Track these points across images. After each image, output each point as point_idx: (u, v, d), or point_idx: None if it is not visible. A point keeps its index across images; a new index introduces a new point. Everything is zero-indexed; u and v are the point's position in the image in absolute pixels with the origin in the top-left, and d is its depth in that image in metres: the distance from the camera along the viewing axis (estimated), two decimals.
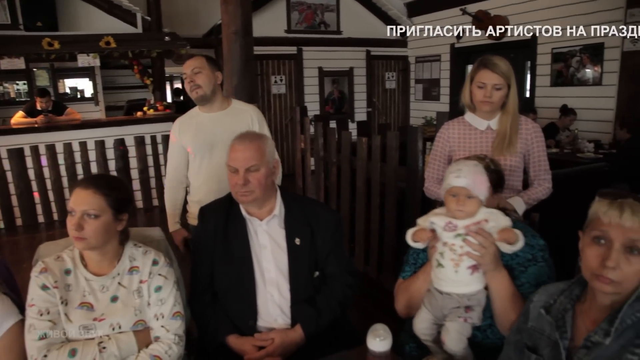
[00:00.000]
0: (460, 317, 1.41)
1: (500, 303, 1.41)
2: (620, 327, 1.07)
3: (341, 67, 8.26)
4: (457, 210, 1.39)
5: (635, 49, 5.25)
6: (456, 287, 1.41)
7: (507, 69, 1.94)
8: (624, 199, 1.06)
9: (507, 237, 1.36)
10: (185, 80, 2.35)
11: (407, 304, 1.60)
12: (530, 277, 1.44)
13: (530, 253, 1.47)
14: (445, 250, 1.41)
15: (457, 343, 1.40)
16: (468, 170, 1.41)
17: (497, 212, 1.41)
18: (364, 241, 3.74)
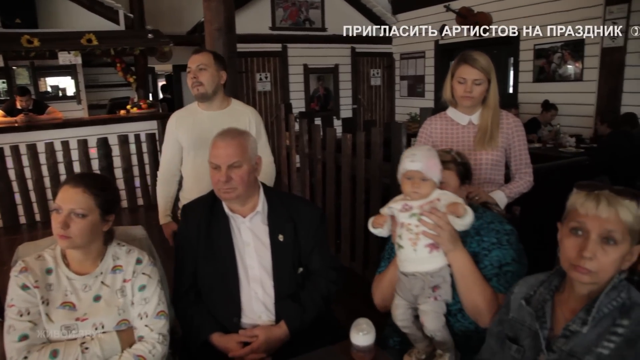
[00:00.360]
0: (430, 297, 1.45)
1: (463, 282, 1.45)
2: (598, 315, 1.10)
3: (326, 64, 8.25)
4: (413, 192, 1.45)
5: (614, 45, 5.33)
6: (417, 265, 1.45)
7: (487, 64, 1.96)
8: (600, 191, 1.09)
9: (454, 209, 1.40)
10: (188, 75, 2.31)
11: (382, 296, 1.64)
12: (492, 260, 1.49)
13: (495, 237, 1.52)
14: (403, 231, 1.46)
15: (435, 322, 1.44)
16: (422, 154, 1.46)
17: (449, 193, 1.47)
18: (350, 237, 3.75)
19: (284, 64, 7.93)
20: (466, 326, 1.53)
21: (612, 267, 1.07)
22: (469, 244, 1.52)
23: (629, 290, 1.12)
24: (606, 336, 1.08)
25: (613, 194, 1.07)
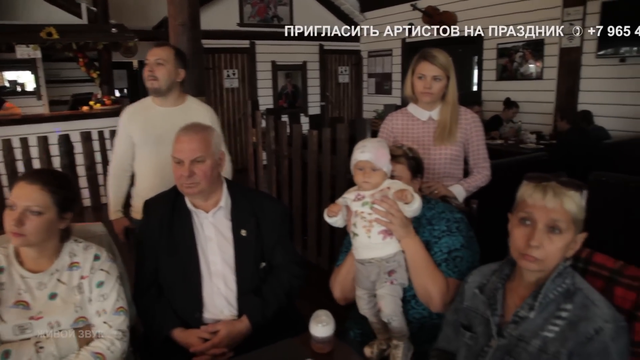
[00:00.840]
0: (386, 281, 1.50)
1: (415, 268, 1.51)
2: (544, 301, 1.15)
3: (294, 61, 8.25)
4: (364, 182, 1.50)
5: (571, 45, 5.51)
6: (372, 251, 1.51)
7: (446, 61, 2.01)
8: (547, 182, 1.13)
9: (401, 195, 1.44)
10: (145, 67, 2.26)
11: (340, 287, 1.67)
12: (442, 246, 1.55)
13: (445, 225, 1.58)
14: (357, 219, 1.52)
15: (392, 306, 1.49)
16: (371, 145, 1.52)
17: (399, 182, 1.53)
18: (316, 233, 3.77)
19: (251, 61, 7.89)
20: (420, 312, 1.59)
21: (558, 255, 1.12)
22: (421, 233, 1.57)
23: (573, 276, 1.17)
24: (551, 320, 1.13)
25: (559, 185, 1.12)
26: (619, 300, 1.22)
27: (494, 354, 1.19)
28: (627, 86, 5.15)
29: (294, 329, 1.66)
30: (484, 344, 1.23)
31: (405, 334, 1.51)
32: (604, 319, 1.08)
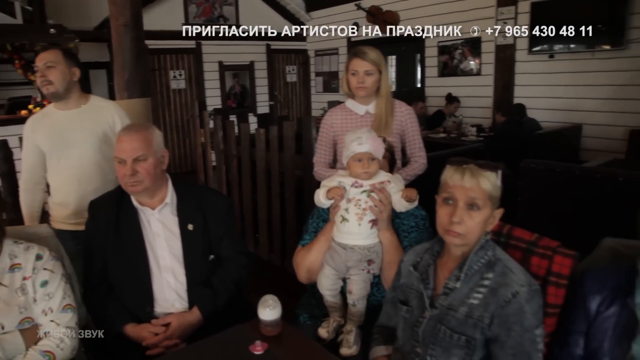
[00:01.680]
0: (364, 269, 1.60)
1: (388, 257, 1.63)
2: (470, 272, 1.26)
3: (242, 61, 8.24)
4: (363, 172, 1.59)
5: (505, 42, 5.83)
6: (359, 239, 1.61)
7: (377, 57, 2.13)
8: (467, 165, 1.25)
9: (410, 194, 1.57)
10: (37, 74, 2.18)
11: (309, 267, 1.74)
12: (412, 241, 1.67)
13: (414, 221, 1.71)
14: (350, 206, 1.60)
15: (363, 292, 1.61)
16: (367, 136, 1.59)
17: (397, 176, 1.67)
18: (267, 230, 3.83)
19: (198, 61, 7.82)
20: (378, 299, 1.69)
21: (478, 229, 1.24)
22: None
23: (494, 249, 1.30)
24: (476, 289, 1.25)
25: (476, 167, 1.24)
26: (534, 268, 1.36)
27: (427, 323, 1.30)
28: (557, 80, 5.49)
29: (244, 318, 1.71)
30: (419, 315, 1.33)
31: (361, 320, 1.63)
32: (520, 283, 1.20)
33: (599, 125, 5.22)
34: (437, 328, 1.27)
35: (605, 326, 1.24)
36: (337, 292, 1.65)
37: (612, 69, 5.03)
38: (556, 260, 1.33)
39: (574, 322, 1.29)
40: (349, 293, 1.61)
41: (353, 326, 1.59)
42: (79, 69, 2.26)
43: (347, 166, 1.63)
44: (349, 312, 1.61)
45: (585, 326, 1.27)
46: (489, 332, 1.21)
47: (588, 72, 5.23)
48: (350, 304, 1.60)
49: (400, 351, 1.40)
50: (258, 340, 1.38)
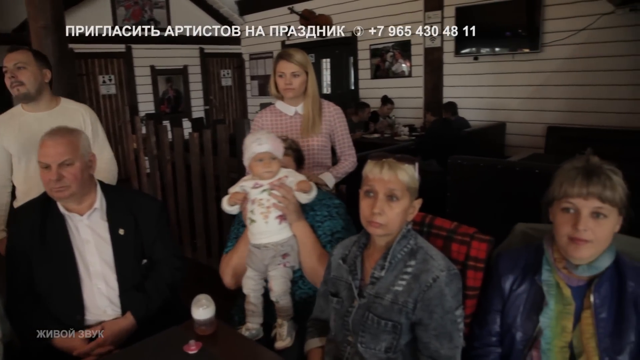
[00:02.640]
0: (280, 264, 1.63)
1: (304, 249, 1.66)
2: (394, 261, 1.33)
3: (175, 65, 8.07)
4: (265, 172, 1.61)
5: (433, 45, 6.08)
6: (269, 236, 1.63)
7: (303, 58, 2.19)
8: (385, 159, 1.31)
9: (303, 187, 1.62)
10: (6, 75, 2.12)
11: (233, 273, 1.75)
12: (325, 229, 1.72)
13: (326, 211, 1.75)
14: (254, 207, 1.62)
15: (283, 287, 1.63)
16: (266, 137, 1.63)
17: (294, 171, 1.68)
18: (205, 234, 3.78)
19: (129, 66, 7.58)
20: (306, 292, 1.73)
21: (398, 219, 1.30)
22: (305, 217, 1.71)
23: (416, 237, 1.37)
24: (400, 276, 1.31)
25: (394, 160, 1.31)
26: (454, 254, 1.44)
27: (356, 312, 1.35)
28: (482, 81, 5.80)
29: (180, 321, 1.70)
30: (349, 306, 1.38)
31: (290, 313, 1.65)
32: (440, 269, 1.28)
33: (520, 122, 5.57)
34: (366, 316, 1.33)
35: (518, 303, 1.34)
36: (260, 293, 1.67)
37: (531, 70, 5.38)
38: (473, 246, 1.42)
39: (491, 302, 1.39)
40: (271, 290, 1.64)
41: (284, 320, 1.62)
42: (50, 70, 2.22)
43: (250, 168, 1.65)
44: (276, 309, 1.63)
45: (501, 305, 1.37)
46: (413, 316, 1.28)
47: (509, 73, 5.56)
48: (275, 301, 1.63)
49: (334, 341, 1.44)
50: (192, 340, 1.38)
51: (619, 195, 1.19)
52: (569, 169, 1.24)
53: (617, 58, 4.72)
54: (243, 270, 1.71)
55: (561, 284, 1.27)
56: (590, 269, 1.24)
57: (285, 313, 1.64)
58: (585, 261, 1.23)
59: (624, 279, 1.24)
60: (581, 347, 1.23)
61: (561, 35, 5.07)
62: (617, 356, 1.20)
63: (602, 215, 1.19)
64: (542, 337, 1.28)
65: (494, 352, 1.38)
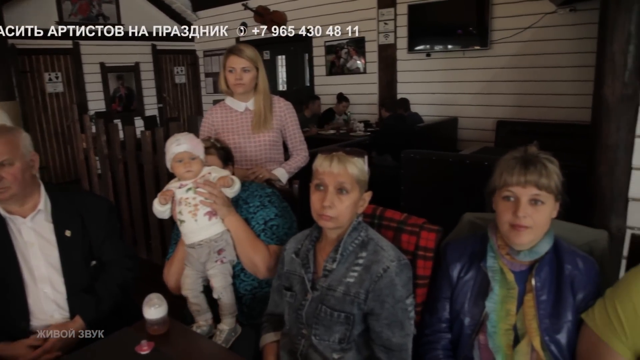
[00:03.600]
0: (217, 260, 1.62)
1: (239, 242, 1.65)
2: (345, 253, 1.35)
3: (126, 62, 7.83)
4: (186, 172, 1.59)
5: (387, 42, 6.18)
6: (200, 234, 1.61)
7: (253, 54, 2.18)
8: (335, 153, 1.33)
9: (224, 182, 1.60)
10: None
11: (176, 277, 1.73)
12: (258, 219, 1.71)
13: (258, 201, 1.75)
14: (182, 207, 1.61)
15: (223, 283, 1.62)
16: (184, 137, 1.61)
17: (217, 168, 1.67)
18: (160, 235, 3.71)
19: (77, 63, 7.29)
20: (250, 284, 1.72)
21: (348, 211, 1.33)
22: (239, 213, 1.70)
23: (367, 229, 1.40)
24: (352, 268, 1.34)
25: (344, 154, 1.33)
26: (405, 244, 1.48)
27: (309, 305, 1.37)
28: (434, 77, 5.94)
29: (133, 322, 1.67)
30: (302, 299, 1.40)
31: (233, 310, 1.64)
32: (390, 259, 1.31)
33: (471, 117, 5.75)
34: (319, 308, 1.34)
35: (465, 289, 1.39)
36: (199, 292, 1.65)
37: (480, 67, 5.55)
38: (422, 236, 1.46)
39: (440, 290, 1.44)
40: (212, 288, 1.63)
41: (225, 326, 1.61)
42: None
43: (171, 169, 1.63)
44: (219, 307, 1.62)
45: (450, 292, 1.42)
46: (365, 307, 1.30)
47: (460, 69, 5.72)
48: (217, 298, 1.62)
49: (288, 335, 1.45)
50: (144, 340, 1.35)
51: (554, 183, 1.25)
52: (509, 159, 1.30)
53: (560, 55, 4.94)
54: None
55: (505, 269, 1.33)
56: (531, 254, 1.30)
57: (229, 310, 1.63)
58: (526, 247, 1.29)
59: (562, 263, 1.31)
60: (524, 329, 1.29)
61: (508, 33, 5.25)
62: (556, 335, 1.27)
63: (540, 202, 1.25)
64: (488, 321, 1.33)
65: (444, 338, 1.43)
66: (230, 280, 1.64)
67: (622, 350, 1.16)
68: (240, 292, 1.70)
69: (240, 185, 1.64)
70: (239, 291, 1.70)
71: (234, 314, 1.63)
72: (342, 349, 1.33)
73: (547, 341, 1.27)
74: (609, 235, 1.50)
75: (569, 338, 1.27)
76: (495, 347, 1.31)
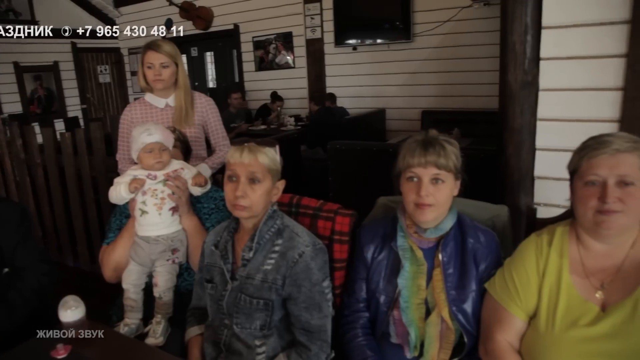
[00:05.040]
0: (168, 259, 1.63)
1: (193, 240, 1.67)
2: (262, 241, 1.38)
3: (43, 62, 7.39)
4: (156, 162, 1.60)
5: (314, 37, 6.24)
6: (161, 229, 1.62)
7: (171, 49, 2.16)
8: (247, 144, 1.36)
9: (199, 181, 1.65)
10: None
11: (115, 265, 1.70)
12: (213, 221, 1.74)
13: (213, 203, 1.77)
14: (146, 198, 1.60)
15: (168, 283, 1.63)
16: (156, 127, 1.61)
17: (186, 164, 1.70)
18: (86, 239, 3.57)
19: None
20: (191, 283, 1.71)
21: (261, 200, 1.36)
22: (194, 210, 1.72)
23: (282, 217, 1.44)
24: (269, 256, 1.37)
25: (255, 144, 1.36)
26: (321, 230, 1.54)
27: (229, 295, 1.39)
28: (362, 70, 6.08)
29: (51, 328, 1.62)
30: (222, 289, 1.42)
31: (169, 311, 1.64)
32: (305, 244, 1.36)
33: (398, 108, 5.94)
34: (238, 297, 1.37)
35: (379, 269, 1.47)
36: (141, 288, 1.65)
37: (405, 59, 5.74)
38: (337, 221, 1.52)
39: (357, 271, 1.50)
40: (155, 286, 1.62)
41: (162, 318, 1.61)
42: None
43: (139, 159, 1.63)
44: (156, 305, 1.62)
45: (366, 273, 1.49)
46: (283, 292, 1.35)
47: (386, 62, 5.88)
48: (157, 297, 1.62)
49: (211, 326, 1.47)
50: (60, 344, 1.32)
51: (452, 162, 1.34)
52: (410, 143, 1.38)
53: (477, 47, 5.21)
54: (125, 264, 1.67)
55: (414, 247, 1.41)
56: (437, 231, 1.39)
57: (166, 310, 1.63)
58: (432, 224, 1.38)
59: (465, 237, 1.41)
60: (434, 302, 1.38)
61: (429, 26, 5.47)
62: (463, 305, 1.37)
63: (440, 181, 1.34)
64: (400, 297, 1.41)
65: (362, 317, 1.50)
66: (175, 281, 1.65)
67: (517, 313, 1.27)
68: (181, 290, 1.71)
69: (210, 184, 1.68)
70: (179, 289, 1.70)
71: (169, 314, 1.63)
72: (264, 335, 1.36)
73: (454, 311, 1.36)
74: (509, 210, 1.63)
75: (474, 307, 1.38)
76: (408, 321, 1.39)
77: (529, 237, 1.34)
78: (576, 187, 1.22)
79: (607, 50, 1.84)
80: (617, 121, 1.87)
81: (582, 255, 1.24)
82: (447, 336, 1.37)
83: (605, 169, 1.14)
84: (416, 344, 1.39)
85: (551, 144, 1.99)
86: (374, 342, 1.47)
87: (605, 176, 1.14)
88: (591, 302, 1.19)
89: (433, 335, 1.37)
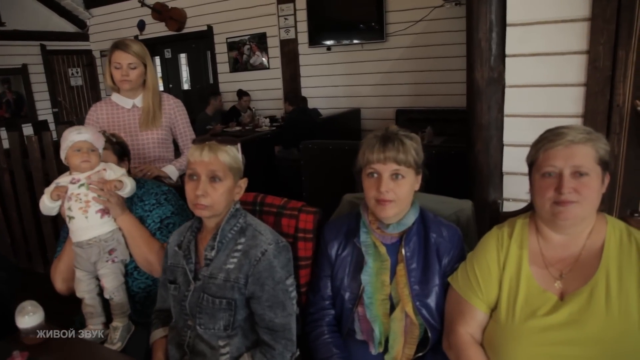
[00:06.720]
0: (107, 260, 1.58)
1: (132, 241, 1.63)
2: (224, 240, 1.37)
3: (11, 65, 7.19)
4: (83, 162, 1.55)
5: (288, 37, 6.23)
6: (91, 231, 1.57)
7: (140, 49, 2.12)
8: (208, 142, 1.34)
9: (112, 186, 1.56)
10: None
11: (63, 276, 1.67)
12: (154, 217, 1.70)
13: (154, 199, 1.74)
14: (72, 203, 1.55)
15: (114, 283, 1.59)
16: (87, 128, 1.58)
17: (113, 165, 1.63)
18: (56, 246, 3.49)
19: None
20: (144, 282, 1.70)
21: (223, 199, 1.34)
22: (134, 211, 1.68)
23: (245, 216, 1.42)
24: (231, 254, 1.36)
25: (216, 143, 1.34)
26: (285, 228, 1.53)
27: (192, 295, 1.37)
28: (336, 70, 6.09)
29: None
30: (185, 290, 1.40)
31: (125, 310, 1.61)
32: (268, 242, 1.35)
33: (373, 108, 5.97)
34: (201, 297, 1.35)
35: (344, 266, 1.46)
36: (95, 294, 1.62)
37: (379, 59, 5.77)
38: (301, 218, 1.52)
39: (321, 268, 1.50)
40: (104, 288, 1.60)
41: (119, 323, 1.58)
42: None
43: (66, 159, 1.58)
44: (111, 307, 1.59)
45: (330, 270, 1.49)
46: (246, 291, 1.33)
47: (360, 62, 5.90)
48: (109, 299, 1.59)
49: (175, 328, 1.45)
50: (16, 351, 1.29)
51: (412, 158, 1.35)
52: (370, 138, 1.38)
53: (449, 46, 5.26)
54: (72, 274, 1.64)
55: (377, 243, 1.41)
56: (399, 226, 1.39)
57: (121, 310, 1.60)
58: (393, 219, 1.38)
59: (428, 232, 1.42)
60: (398, 297, 1.39)
61: (402, 26, 5.50)
62: (426, 299, 1.38)
63: (400, 176, 1.34)
64: (364, 294, 1.41)
65: (328, 315, 1.49)
66: (122, 279, 1.62)
67: (479, 305, 1.28)
68: (134, 290, 1.68)
69: (134, 185, 1.62)
70: (132, 289, 1.67)
71: (126, 313, 1.60)
72: (228, 335, 1.35)
73: (418, 306, 1.37)
74: (474, 205, 1.64)
75: (437, 301, 1.38)
76: (372, 317, 1.39)
77: (491, 230, 1.36)
78: (534, 179, 1.24)
79: (569, 47, 1.87)
80: (581, 116, 1.91)
81: (541, 246, 1.26)
82: (411, 331, 1.38)
83: (561, 160, 1.16)
84: (381, 340, 1.39)
85: (518, 140, 2.02)
86: (340, 340, 1.47)
87: (561, 167, 1.16)
88: (550, 292, 1.20)
89: (397, 331, 1.38)
